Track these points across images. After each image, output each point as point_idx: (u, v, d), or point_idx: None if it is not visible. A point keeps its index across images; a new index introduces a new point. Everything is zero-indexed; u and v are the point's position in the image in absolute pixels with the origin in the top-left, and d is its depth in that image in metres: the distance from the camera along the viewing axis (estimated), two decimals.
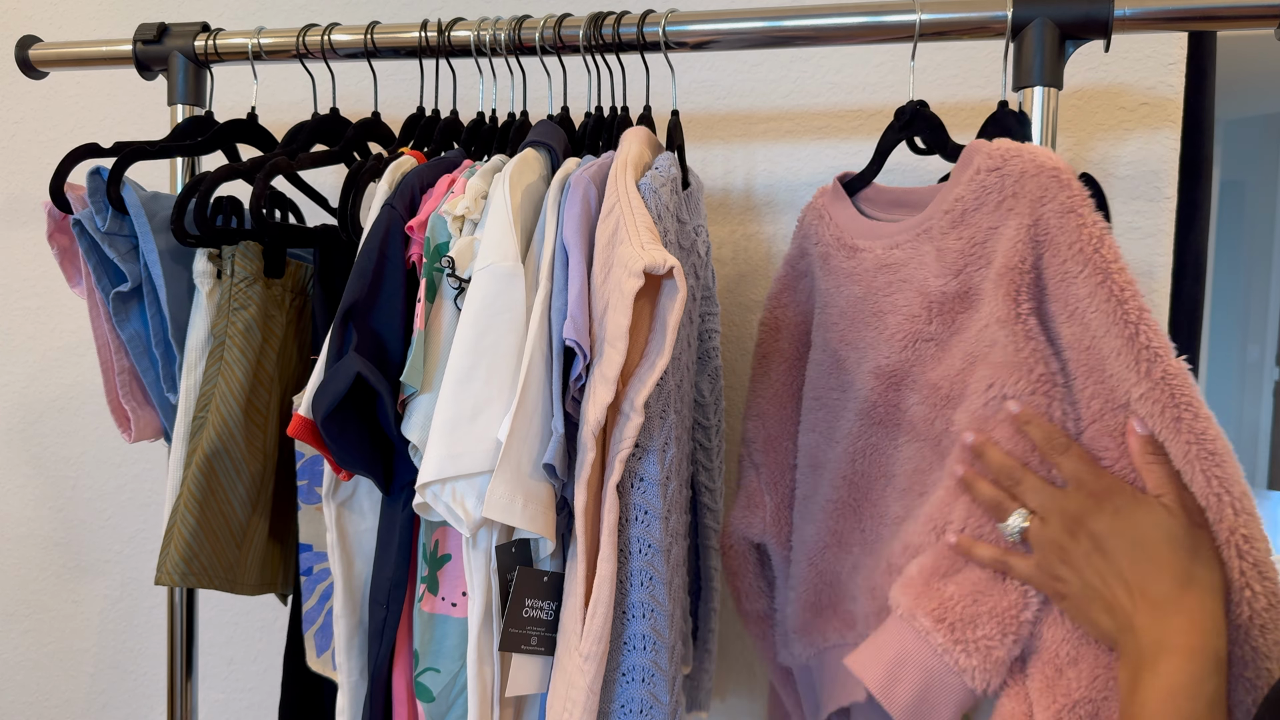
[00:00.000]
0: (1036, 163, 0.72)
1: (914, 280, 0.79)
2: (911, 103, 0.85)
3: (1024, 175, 0.72)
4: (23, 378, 1.47)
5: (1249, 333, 4.88)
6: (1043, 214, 0.70)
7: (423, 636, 0.78)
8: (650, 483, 0.73)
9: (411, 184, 0.82)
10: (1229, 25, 0.82)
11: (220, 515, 0.92)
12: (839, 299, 0.86)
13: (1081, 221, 0.68)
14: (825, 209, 0.89)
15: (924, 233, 0.79)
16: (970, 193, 0.75)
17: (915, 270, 0.79)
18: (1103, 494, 0.67)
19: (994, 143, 0.76)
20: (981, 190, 0.75)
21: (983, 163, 0.75)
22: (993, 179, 0.74)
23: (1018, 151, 0.73)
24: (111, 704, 1.49)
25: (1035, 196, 0.71)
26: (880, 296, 0.82)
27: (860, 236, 0.85)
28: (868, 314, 0.83)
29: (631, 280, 0.67)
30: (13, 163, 1.45)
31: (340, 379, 0.73)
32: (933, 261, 0.78)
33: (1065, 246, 0.69)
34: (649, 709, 0.74)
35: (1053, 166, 0.71)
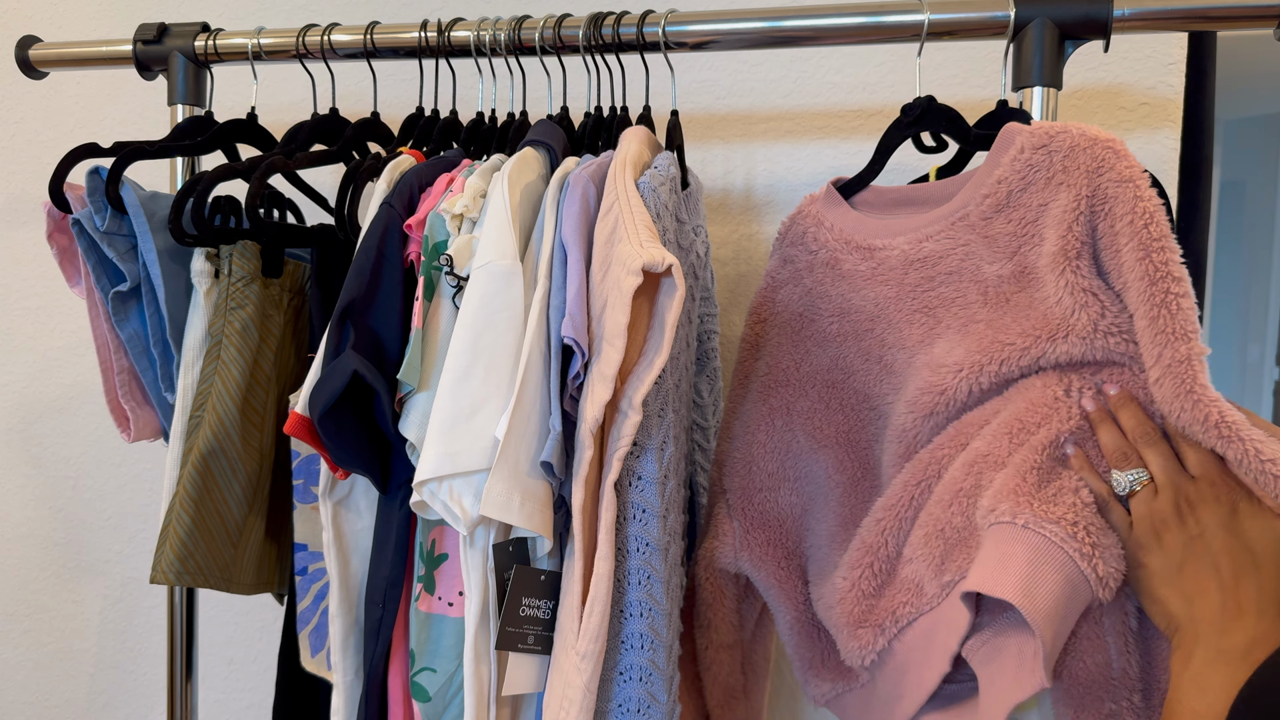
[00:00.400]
0: (1088, 136, 0.72)
1: (963, 270, 0.78)
2: (920, 98, 0.85)
3: (1074, 149, 0.72)
4: (23, 378, 1.47)
5: (1249, 333, 4.88)
6: (1100, 183, 0.70)
7: (419, 636, 0.78)
8: (648, 481, 0.73)
9: (410, 183, 0.82)
10: (1229, 25, 0.82)
11: (216, 514, 0.92)
12: (864, 304, 0.83)
13: (1138, 194, 0.68)
14: (820, 215, 0.87)
15: (960, 220, 0.78)
16: (1015, 173, 0.75)
17: (963, 260, 0.78)
18: (1226, 492, 0.66)
19: (1034, 124, 0.76)
20: (1028, 169, 0.74)
21: (1027, 141, 0.74)
22: (1040, 156, 0.73)
23: (1064, 128, 0.73)
24: (111, 704, 1.49)
25: (1091, 168, 0.71)
26: (921, 293, 0.80)
27: (874, 236, 0.83)
28: (910, 312, 0.80)
29: (630, 278, 0.67)
30: (13, 163, 1.45)
31: (337, 377, 0.73)
32: (982, 249, 0.76)
33: (1119, 217, 0.69)
34: (646, 708, 0.73)
35: (1107, 138, 0.71)
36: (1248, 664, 0.60)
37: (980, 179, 0.78)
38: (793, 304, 0.89)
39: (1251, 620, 0.62)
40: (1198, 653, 0.63)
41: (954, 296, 0.78)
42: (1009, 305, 0.75)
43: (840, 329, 0.85)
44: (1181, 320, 0.65)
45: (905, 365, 0.81)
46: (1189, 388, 0.64)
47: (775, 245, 0.91)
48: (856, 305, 0.84)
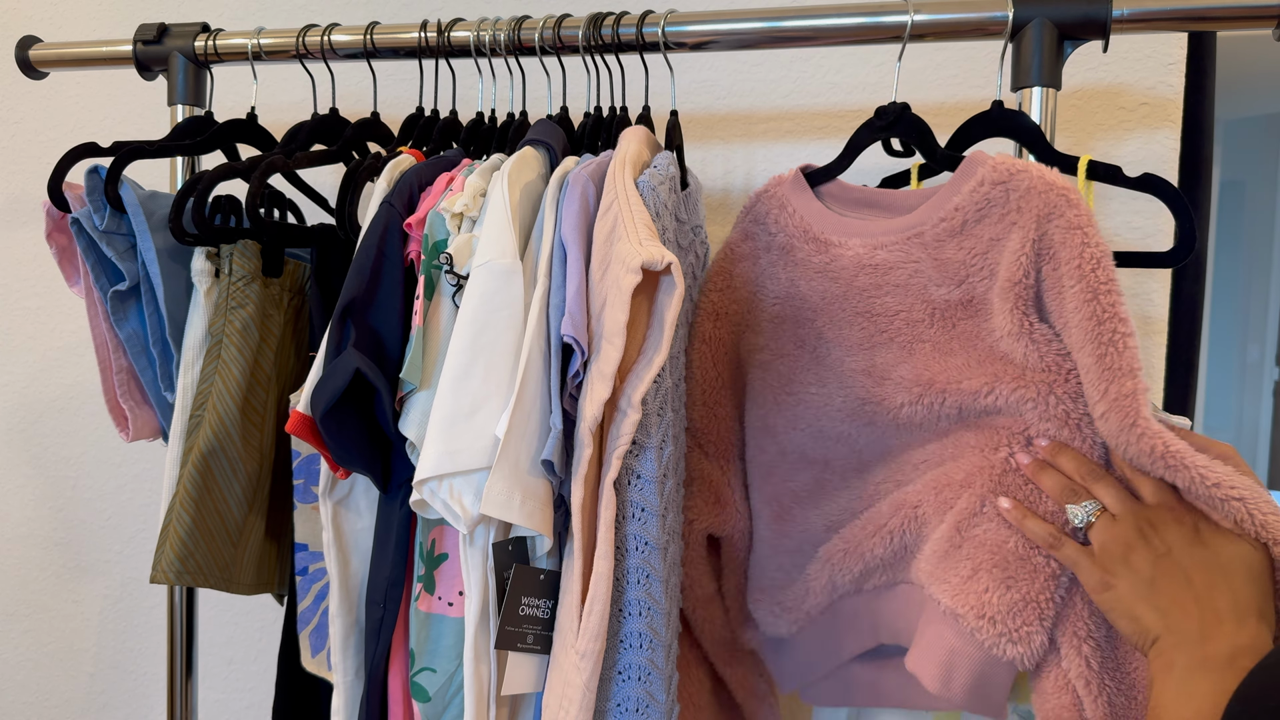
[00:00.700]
0: (1045, 180, 0.74)
1: (911, 286, 0.80)
2: (895, 103, 0.85)
3: (1030, 191, 0.74)
4: (23, 378, 1.47)
5: (1249, 333, 4.88)
6: (1048, 229, 0.73)
7: (419, 636, 0.78)
8: (647, 480, 0.73)
9: (410, 182, 0.82)
10: (1229, 25, 0.82)
11: (216, 514, 0.92)
12: (810, 293, 0.86)
13: (1085, 240, 0.71)
14: (786, 199, 0.88)
15: (914, 237, 0.80)
16: (972, 203, 0.77)
17: (911, 276, 0.80)
18: (1186, 515, 0.68)
19: (998, 157, 0.77)
20: (985, 202, 0.77)
21: (988, 175, 0.77)
22: (997, 192, 0.76)
23: (1024, 168, 0.75)
24: (111, 704, 1.49)
25: (1042, 212, 0.73)
26: (867, 297, 0.82)
27: (832, 232, 0.85)
28: (851, 313, 0.83)
29: (629, 276, 0.67)
30: (13, 163, 1.45)
31: (339, 375, 0.73)
32: (931, 269, 0.79)
33: (1064, 261, 0.71)
34: (645, 708, 0.73)
35: (1062, 185, 0.73)
36: (1234, 671, 0.60)
37: (940, 201, 0.80)
38: (749, 279, 0.91)
39: (1231, 628, 0.63)
40: (1179, 661, 0.63)
41: (899, 309, 0.81)
42: (955, 331, 0.78)
43: (780, 311, 0.87)
44: (1128, 358, 0.69)
45: (837, 362, 0.84)
46: (1133, 421, 0.68)
47: (739, 217, 0.91)
48: (802, 293, 0.86)
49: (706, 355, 0.90)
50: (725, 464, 0.90)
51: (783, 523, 0.89)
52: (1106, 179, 0.81)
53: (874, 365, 0.82)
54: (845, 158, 0.88)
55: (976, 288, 0.77)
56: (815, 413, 0.86)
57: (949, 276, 0.79)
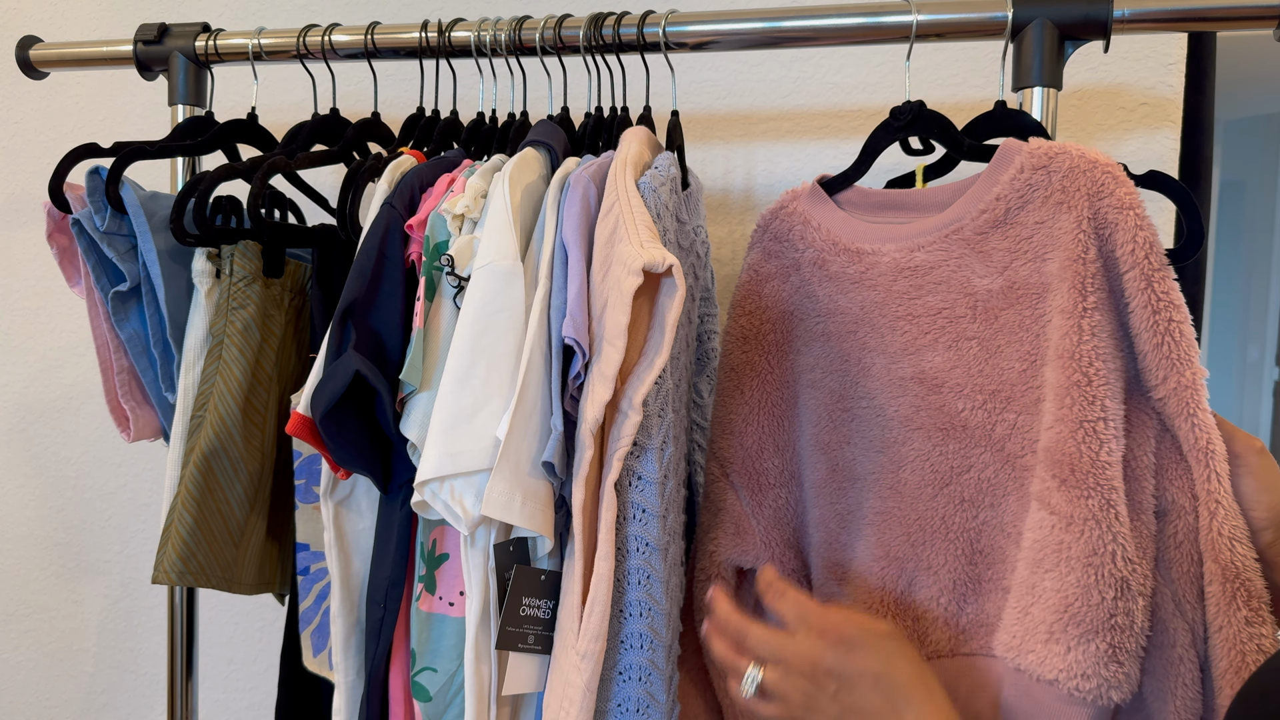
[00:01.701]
0: (1087, 159, 0.73)
1: (952, 282, 0.79)
2: (910, 102, 0.85)
3: (1074, 170, 0.73)
4: (23, 378, 1.47)
5: (1249, 333, 4.88)
6: (1100, 208, 0.72)
7: (420, 636, 0.78)
8: (648, 481, 0.73)
9: (411, 183, 0.82)
10: (1229, 25, 0.82)
11: (218, 514, 0.92)
12: (850, 306, 0.84)
13: (1138, 222, 0.71)
14: (807, 213, 0.86)
15: (954, 234, 0.78)
16: (1014, 191, 0.76)
17: (953, 272, 0.79)
18: (829, 631, 0.67)
19: (1034, 142, 0.77)
20: (1027, 188, 0.75)
21: (1026, 161, 0.75)
22: (1039, 176, 0.75)
23: (1063, 149, 0.75)
24: (111, 704, 1.49)
25: (1090, 191, 0.72)
26: (908, 300, 0.80)
27: (862, 240, 0.83)
28: (893, 318, 0.81)
29: (630, 278, 0.67)
30: (13, 163, 1.45)
31: (339, 377, 0.73)
32: (975, 263, 0.78)
33: (1120, 244, 0.71)
34: (645, 708, 0.74)
35: (1106, 162, 0.73)
36: None
37: (977, 194, 0.78)
38: (782, 300, 0.89)
39: None
40: None
41: (941, 307, 0.79)
42: (998, 323, 0.77)
43: (825, 329, 0.86)
44: (1185, 346, 0.70)
45: (884, 371, 0.82)
46: (1191, 412, 0.69)
47: (755, 237, 0.90)
48: (843, 307, 0.84)
49: (734, 381, 0.88)
50: (750, 493, 0.88)
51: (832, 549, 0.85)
52: None
53: (923, 371, 0.79)
54: (863, 162, 0.87)
55: (1020, 272, 0.76)
56: (868, 425, 0.83)
57: (992, 266, 0.77)
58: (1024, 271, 0.75)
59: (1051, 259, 0.74)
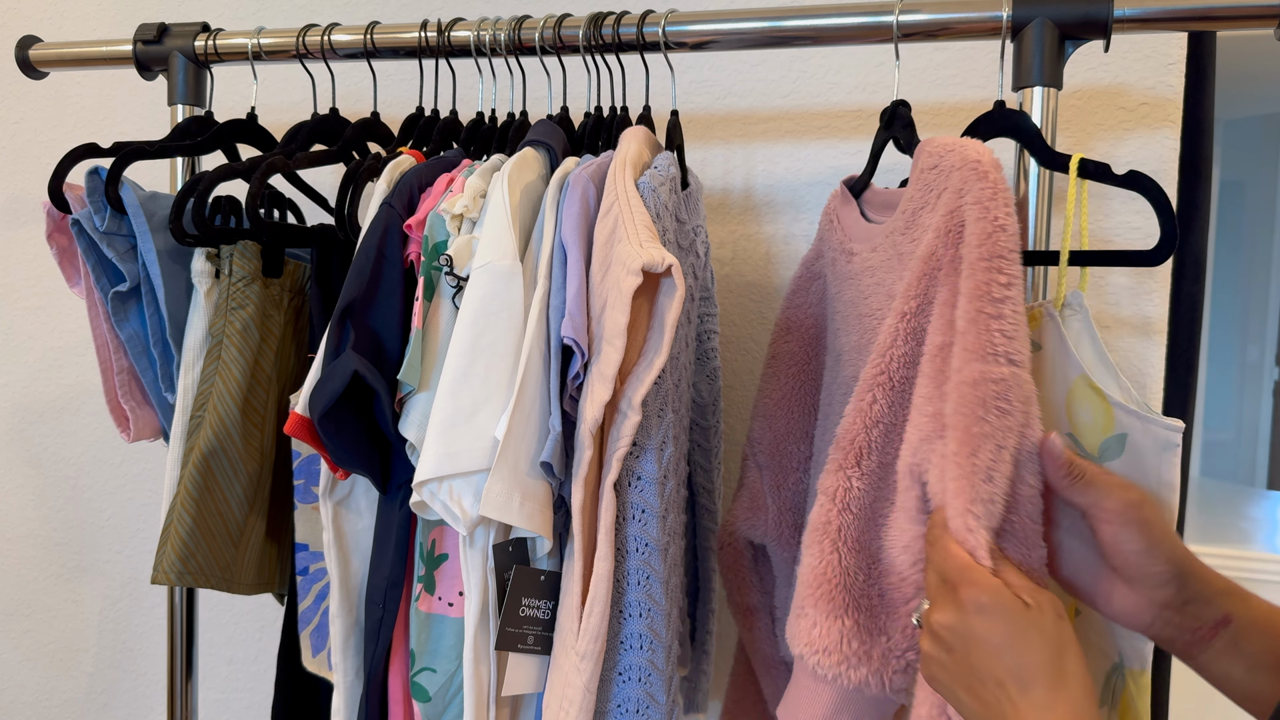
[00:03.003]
0: (963, 156, 0.70)
1: (885, 283, 0.78)
2: (893, 103, 0.85)
3: (953, 170, 0.71)
4: (23, 378, 1.47)
5: (1249, 333, 4.88)
6: (961, 205, 0.69)
7: (419, 636, 0.78)
8: (648, 481, 0.73)
9: (410, 183, 0.82)
10: (1229, 25, 0.82)
11: (217, 514, 0.92)
12: (841, 304, 0.86)
13: (981, 214, 0.66)
14: (835, 213, 0.89)
15: (889, 234, 0.78)
16: (917, 192, 0.75)
17: (886, 273, 0.78)
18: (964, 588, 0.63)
19: (935, 140, 0.75)
20: (925, 189, 0.74)
21: (924, 161, 0.74)
22: (932, 176, 0.73)
23: (951, 147, 0.72)
24: (111, 704, 1.49)
25: (956, 189, 0.70)
26: (862, 300, 0.81)
27: (856, 240, 0.85)
28: (854, 318, 0.82)
29: (630, 278, 0.67)
30: (13, 163, 1.45)
31: (337, 377, 0.73)
32: (896, 264, 0.77)
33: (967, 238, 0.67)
34: (646, 708, 0.73)
35: (975, 159, 0.69)
36: None
37: (905, 194, 0.78)
38: (818, 294, 0.92)
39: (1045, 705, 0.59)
40: None
41: (877, 308, 0.78)
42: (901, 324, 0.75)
43: (831, 325, 0.88)
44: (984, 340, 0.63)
45: (843, 368, 0.82)
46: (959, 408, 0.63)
47: (816, 235, 0.94)
48: (839, 307, 0.86)
49: (773, 369, 0.93)
50: (772, 473, 0.92)
51: None
52: (1097, 177, 0.80)
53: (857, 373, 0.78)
54: (871, 163, 0.88)
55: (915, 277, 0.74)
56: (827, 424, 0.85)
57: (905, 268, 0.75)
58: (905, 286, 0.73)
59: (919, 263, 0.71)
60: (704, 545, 0.97)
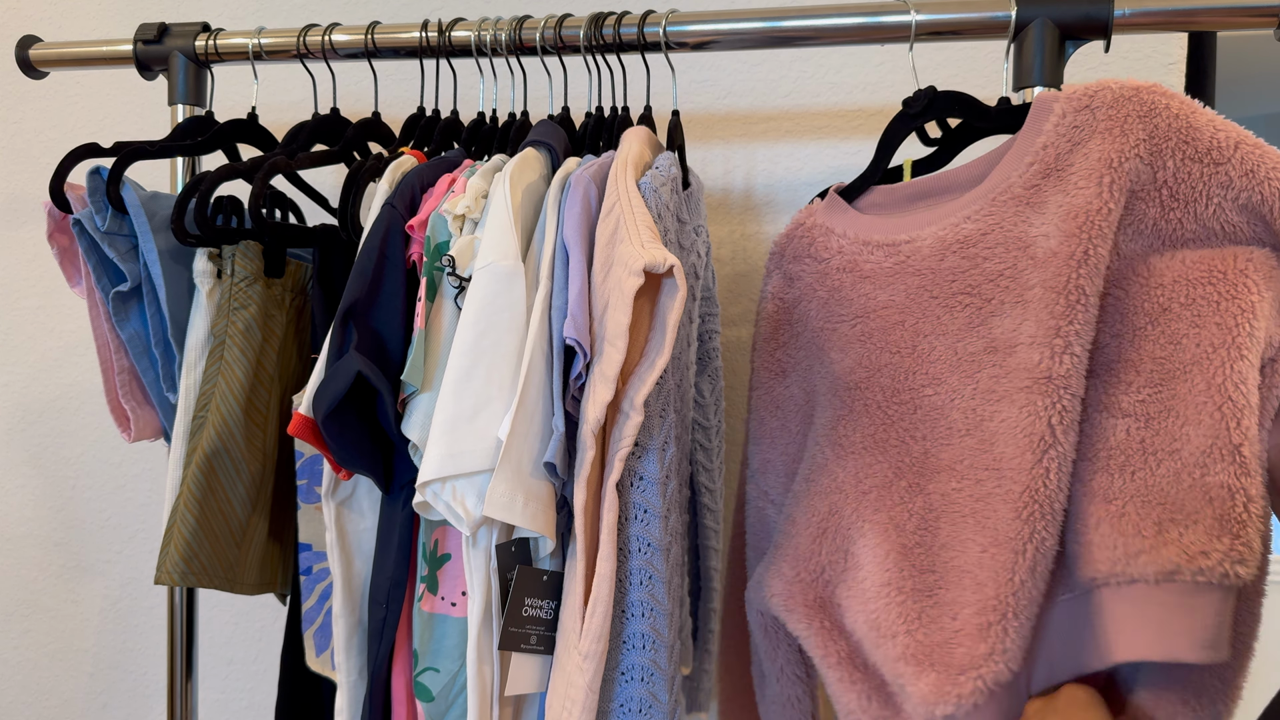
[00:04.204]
0: (1129, 86, 0.73)
1: (1009, 242, 0.76)
2: (922, 89, 0.84)
3: (1118, 100, 0.73)
4: (23, 378, 1.47)
5: None
6: (1156, 124, 0.72)
7: (422, 636, 0.78)
8: (650, 481, 0.73)
9: (412, 183, 0.82)
10: (1229, 25, 0.82)
11: (220, 515, 0.92)
12: (894, 298, 0.80)
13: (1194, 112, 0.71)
14: (828, 224, 0.86)
15: (1002, 194, 0.77)
16: (1060, 137, 0.75)
17: (1008, 232, 0.76)
18: None
19: (1068, 86, 0.77)
20: (1073, 130, 0.75)
21: (1065, 107, 0.75)
22: (1083, 117, 0.74)
23: (1102, 85, 0.74)
24: (111, 704, 1.49)
25: (1142, 113, 0.72)
26: (963, 274, 0.77)
27: (896, 232, 0.81)
28: (949, 296, 0.78)
29: (632, 279, 0.67)
30: (13, 163, 1.45)
31: (341, 378, 0.73)
32: (1031, 215, 0.75)
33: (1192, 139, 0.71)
34: (648, 708, 0.74)
35: (1149, 85, 0.73)
36: None
37: (1020, 151, 0.77)
38: (811, 320, 0.86)
39: None
40: None
41: (1002, 269, 0.75)
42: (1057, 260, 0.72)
43: (862, 329, 0.82)
44: None
45: (947, 351, 0.77)
46: None
47: (772, 264, 0.89)
48: (882, 302, 0.81)
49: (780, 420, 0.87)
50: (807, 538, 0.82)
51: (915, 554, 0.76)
52: None
53: (994, 340, 0.75)
54: (881, 158, 0.86)
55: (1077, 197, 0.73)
56: (942, 412, 0.77)
57: (1047, 214, 0.75)
58: (1081, 199, 0.73)
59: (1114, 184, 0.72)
60: (705, 545, 0.97)
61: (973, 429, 0.75)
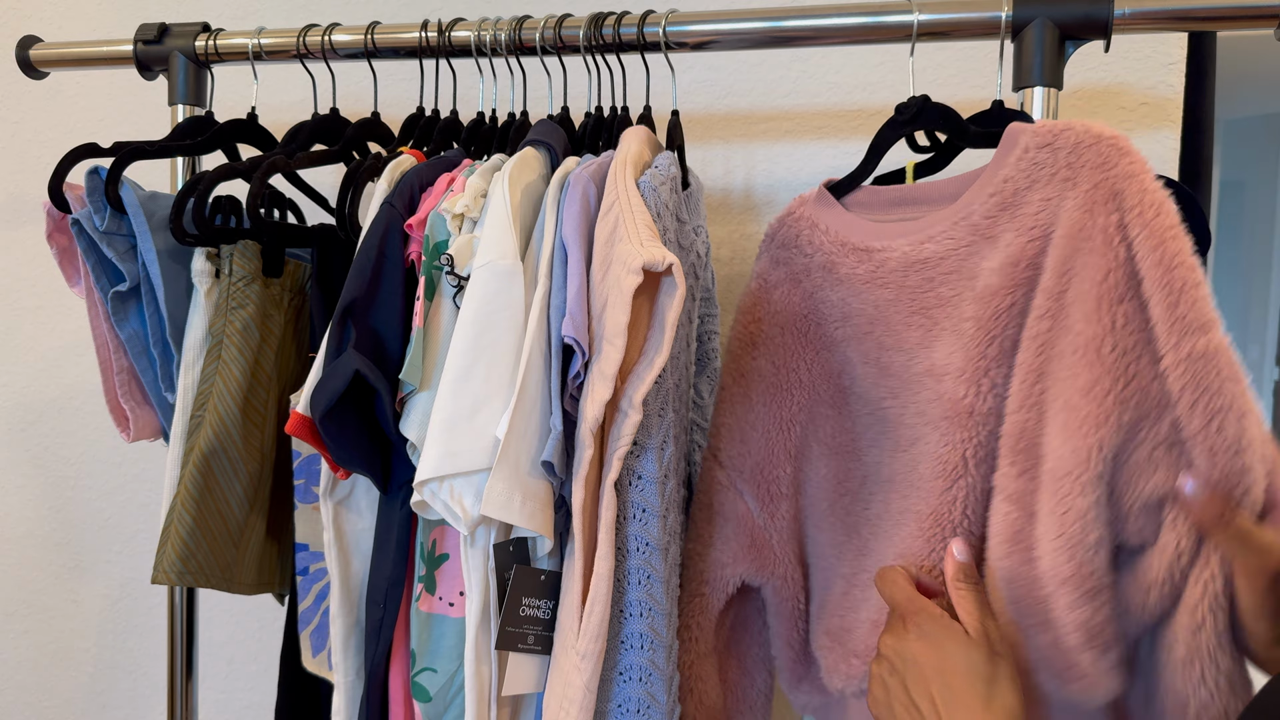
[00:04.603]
0: (1092, 133, 0.72)
1: (962, 270, 0.77)
2: (914, 97, 0.84)
3: (1079, 146, 0.72)
4: (23, 378, 1.47)
5: (1249, 333, 4.88)
6: (1105, 178, 0.70)
7: (420, 636, 0.78)
8: (648, 480, 0.73)
9: (411, 182, 0.82)
10: (1229, 25, 0.82)
11: (217, 514, 0.92)
12: (864, 306, 0.82)
13: (1143, 187, 0.68)
14: (813, 218, 0.86)
15: (963, 220, 0.77)
16: (1020, 172, 0.75)
17: (962, 260, 0.77)
18: (910, 616, 0.69)
19: (1039, 122, 0.76)
20: (1033, 167, 0.74)
21: (1030, 141, 0.74)
22: (1044, 155, 0.73)
23: (1067, 125, 0.73)
24: (111, 704, 1.49)
25: (1096, 164, 0.71)
26: (920, 294, 0.79)
27: (873, 238, 0.82)
28: (908, 314, 0.79)
29: (630, 277, 0.67)
30: (13, 163, 1.45)
31: (338, 376, 0.73)
32: (985, 248, 0.76)
33: (1128, 210, 0.69)
34: (646, 708, 0.73)
35: (1110, 135, 0.71)
36: None
37: (987, 179, 0.77)
38: (794, 306, 0.87)
39: None
40: None
41: (950, 296, 0.77)
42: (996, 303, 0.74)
43: (844, 333, 0.84)
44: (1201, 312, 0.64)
45: (903, 368, 0.80)
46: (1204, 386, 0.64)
47: (764, 246, 0.89)
48: (856, 309, 0.83)
49: (742, 388, 0.87)
50: (763, 504, 0.86)
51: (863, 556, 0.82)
52: None
53: (934, 364, 0.77)
54: (869, 161, 0.86)
55: (1025, 249, 0.73)
56: (893, 425, 0.81)
57: (999, 250, 0.75)
58: (1031, 249, 0.73)
59: (1056, 237, 0.72)
60: None
61: (908, 447, 0.79)
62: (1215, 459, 0.64)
